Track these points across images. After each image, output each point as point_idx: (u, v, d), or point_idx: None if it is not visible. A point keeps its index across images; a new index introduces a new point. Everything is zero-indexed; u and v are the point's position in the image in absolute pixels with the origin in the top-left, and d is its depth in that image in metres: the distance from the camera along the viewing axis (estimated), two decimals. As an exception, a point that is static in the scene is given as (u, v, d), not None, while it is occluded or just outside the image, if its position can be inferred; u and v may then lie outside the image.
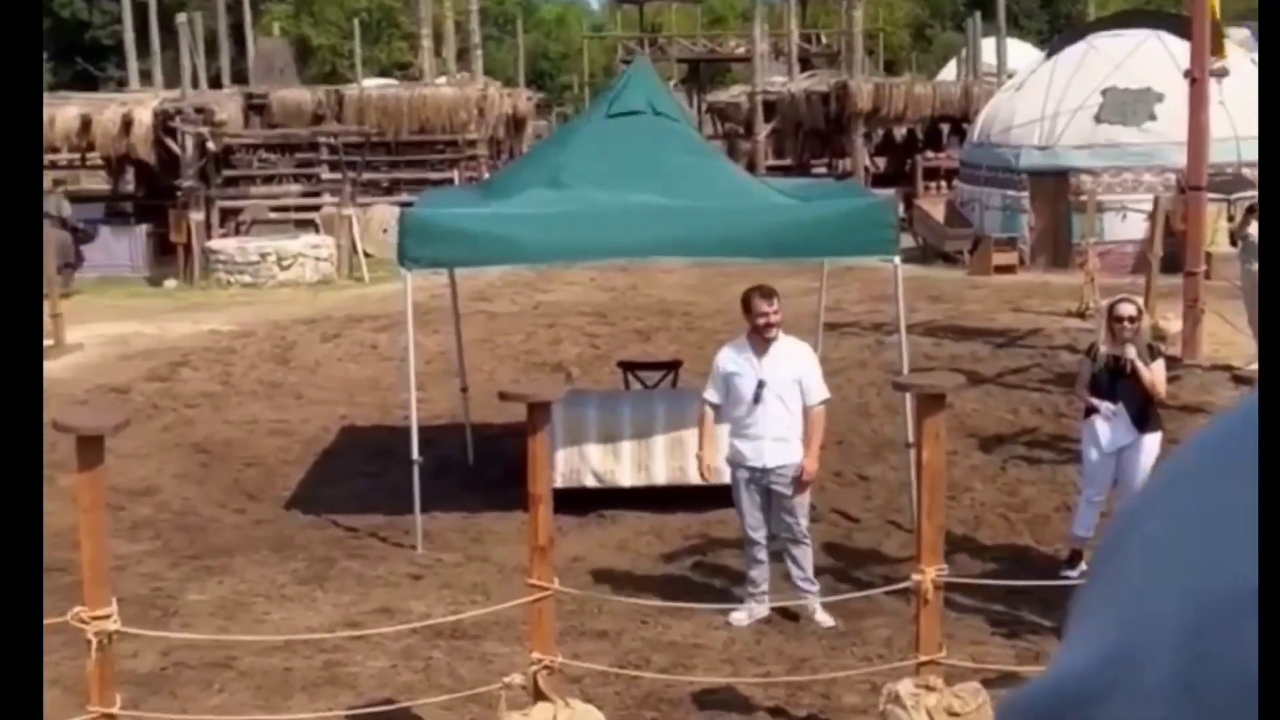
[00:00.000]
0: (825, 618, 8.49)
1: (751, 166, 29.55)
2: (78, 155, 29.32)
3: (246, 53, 33.73)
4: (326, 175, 27.00)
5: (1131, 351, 8.84)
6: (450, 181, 27.25)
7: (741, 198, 10.41)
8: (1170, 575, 0.65)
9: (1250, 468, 0.65)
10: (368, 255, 24.80)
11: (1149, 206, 18.76)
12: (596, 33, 63.46)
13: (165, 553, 10.15)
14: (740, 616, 8.52)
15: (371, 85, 31.18)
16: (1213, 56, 15.13)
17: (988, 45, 32.10)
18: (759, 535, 8.53)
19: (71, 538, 6.46)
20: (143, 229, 25.43)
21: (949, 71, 37.84)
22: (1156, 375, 8.90)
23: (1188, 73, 15.24)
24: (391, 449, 11.93)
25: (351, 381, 15.72)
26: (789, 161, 33.48)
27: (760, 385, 8.35)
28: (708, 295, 20.34)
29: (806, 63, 41.19)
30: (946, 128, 32.74)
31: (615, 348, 16.81)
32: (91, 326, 18.49)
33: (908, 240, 19.45)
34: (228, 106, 26.18)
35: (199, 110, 25.26)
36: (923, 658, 6.67)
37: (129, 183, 29.40)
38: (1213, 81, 15.37)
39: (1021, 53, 34.73)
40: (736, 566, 9.19)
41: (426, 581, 9.34)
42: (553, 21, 73.38)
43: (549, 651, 6.61)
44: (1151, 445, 8.88)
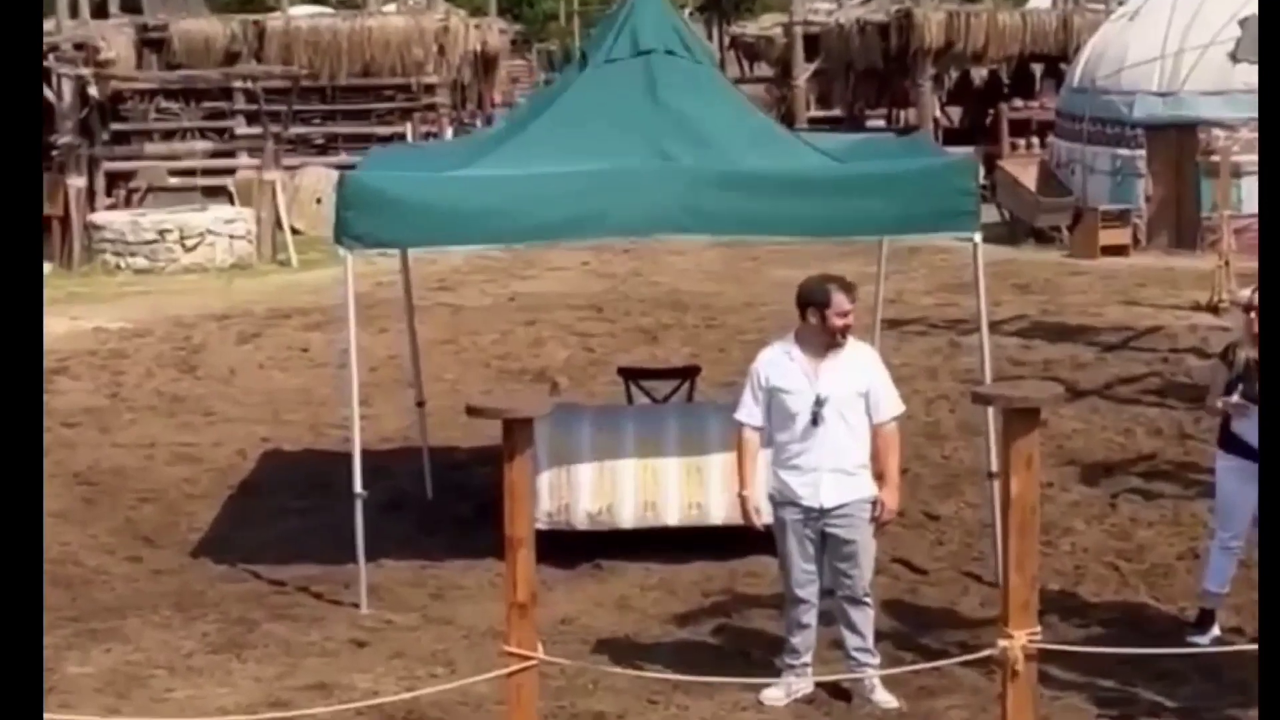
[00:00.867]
0: (885, 697, 8.49)
1: (789, 118, 29.63)
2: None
3: (140, -28, 33.85)
4: (243, 130, 27.04)
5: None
6: (402, 137, 27.33)
7: (776, 158, 10.41)
8: None
9: None
10: (296, 232, 24.83)
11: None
12: (589, -53, 63.57)
13: (38, 613, 10.19)
14: (776, 694, 8.53)
15: (301, 14, 31.25)
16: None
17: (1093, -37, 32.18)
18: (807, 593, 8.49)
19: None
20: (7, 199, 25.56)
21: (1042, -3, 37.90)
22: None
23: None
24: (328, 480, 11.95)
25: (276, 394, 15.74)
26: (837, 112, 33.55)
27: (819, 402, 8.26)
28: (732, 284, 20.38)
29: (860, -15, 41.33)
30: (1039, 69, 32.77)
31: (614, 351, 16.83)
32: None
33: (989, 213, 19.48)
34: (116, 41, 26.24)
35: (78, 46, 25.31)
36: (1010, 747, 6.70)
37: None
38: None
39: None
40: (771, 630, 9.21)
41: (373, 650, 9.35)
42: (533, -68, 73.54)
43: (531, 739, 6.64)
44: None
